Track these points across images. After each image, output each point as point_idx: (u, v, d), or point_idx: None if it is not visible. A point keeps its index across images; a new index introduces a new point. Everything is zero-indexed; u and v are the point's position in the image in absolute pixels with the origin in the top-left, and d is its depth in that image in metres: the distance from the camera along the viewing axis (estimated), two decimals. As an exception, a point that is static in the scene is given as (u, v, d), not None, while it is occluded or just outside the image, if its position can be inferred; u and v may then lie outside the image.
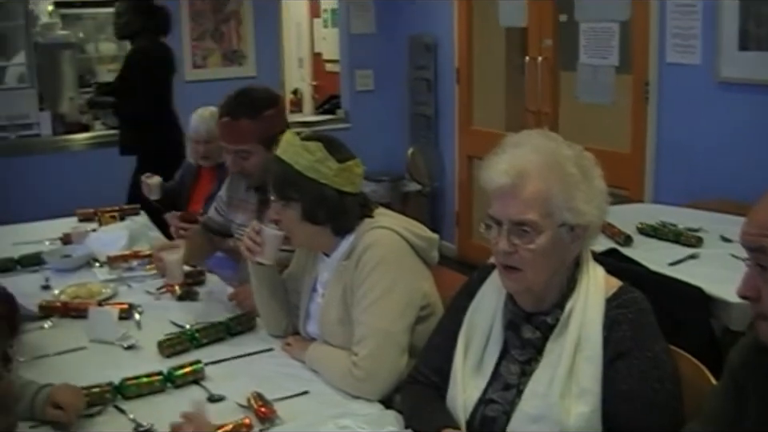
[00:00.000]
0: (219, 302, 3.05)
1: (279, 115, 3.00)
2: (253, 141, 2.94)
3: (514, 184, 1.85)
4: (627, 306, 1.88)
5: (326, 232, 2.45)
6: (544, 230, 1.85)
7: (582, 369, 1.84)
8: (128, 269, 3.48)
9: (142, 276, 3.42)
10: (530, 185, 1.85)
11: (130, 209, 4.50)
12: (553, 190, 1.85)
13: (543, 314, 1.94)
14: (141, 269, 3.48)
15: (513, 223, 1.86)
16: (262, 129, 2.93)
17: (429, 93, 6.96)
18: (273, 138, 2.73)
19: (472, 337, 2.03)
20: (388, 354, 2.26)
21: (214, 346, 2.63)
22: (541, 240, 1.85)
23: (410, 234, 2.41)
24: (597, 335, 1.86)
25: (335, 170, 2.37)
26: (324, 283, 2.52)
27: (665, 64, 4.61)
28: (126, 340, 2.70)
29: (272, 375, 2.41)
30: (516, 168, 1.86)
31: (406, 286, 2.33)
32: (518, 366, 1.96)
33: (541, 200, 1.84)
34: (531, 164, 1.86)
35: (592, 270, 1.95)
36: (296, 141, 2.42)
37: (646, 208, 4.25)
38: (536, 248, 1.85)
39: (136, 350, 2.66)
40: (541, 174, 1.85)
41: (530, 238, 1.85)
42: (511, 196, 1.86)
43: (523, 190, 1.85)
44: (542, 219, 1.84)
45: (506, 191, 1.86)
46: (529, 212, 1.84)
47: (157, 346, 2.59)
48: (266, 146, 2.90)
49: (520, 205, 1.85)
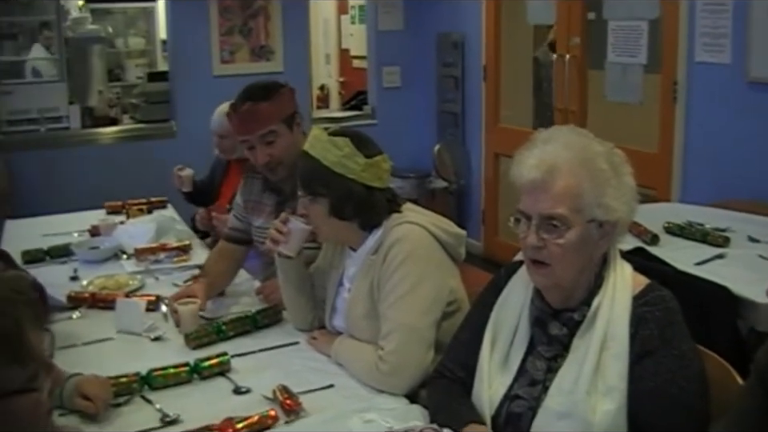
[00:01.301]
0: (246, 295, 3.08)
1: (290, 95, 3.00)
2: (277, 120, 2.91)
3: (544, 179, 1.85)
4: (655, 303, 1.87)
5: (353, 227, 2.46)
6: (573, 226, 1.85)
7: (609, 366, 1.84)
8: (155, 261, 3.52)
9: (169, 268, 3.46)
10: (560, 180, 1.85)
11: (158, 201, 4.54)
12: (583, 185, 1.84)
13: (570, 310, 1.94)
14: (168, 261, 3.52)
15: (542, 218, 1.86)
16: (281, 107, 2.92)
17: (456, 90, 6.96)
18: (292, 116, 2.88)
19: (498, 332, 2.03)
20: (414, 349, 2.27)
21: (241, 338, 2.65)
22: (570, 235, 1.85)
23: (438, 230, 2.42)
24: (623, 332, 1.85)
25: (363, 165, 2.38)
26: (351, 278, 2.53)
27: (694, 63, 4.58)
28: (152, 331, 2.73)
29: (298, 368, 2.42)
30: (547, 163, 1.86)
31: (433, 282, 2.34)
32: (544, 362, 1.96)
33: (571, 195, 1.84)
34: (562, 159, 1.86)
35: (619, 268, 1.95)
36: (324, 136, 2.43)
37: (673, 207, 4.23)
38: (565, 243, 1.85)
39: (162, 341, 2.69)
40: (571, 170, 1.85)
41: (559, 233, 1.85)
42: (541, 190, 1.86)
43: (553, 185, 1.85)
44: (572, 214, 1.84)
45: (536, 186, 1.86)
46: (559, 206, 1.84)
47: (183, 338, 2.62)
48: (288, 126, 2.92)
49: (550, 199, 1.85)
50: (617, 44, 5.09)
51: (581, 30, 5.56)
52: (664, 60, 4.79)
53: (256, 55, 6.96)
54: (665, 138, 4.82)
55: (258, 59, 6.95)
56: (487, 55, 6.56)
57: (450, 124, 7.11)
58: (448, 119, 7.14)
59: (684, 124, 4.69)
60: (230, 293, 3.12)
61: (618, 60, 5.09)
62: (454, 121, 7.04)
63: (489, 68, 6.56)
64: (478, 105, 6.74)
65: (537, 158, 1.88)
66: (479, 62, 6.65)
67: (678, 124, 4.72)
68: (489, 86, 6.59)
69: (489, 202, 6.72)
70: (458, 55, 6.88)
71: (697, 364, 1.85)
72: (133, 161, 6.60)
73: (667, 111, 4.78)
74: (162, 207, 4.50)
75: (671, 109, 4.74)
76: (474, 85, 6.77)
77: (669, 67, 4.74)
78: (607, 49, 5.17)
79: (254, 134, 2.91)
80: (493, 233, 6.70)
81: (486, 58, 6.57)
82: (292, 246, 2.58)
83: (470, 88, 6.83)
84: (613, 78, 5.15)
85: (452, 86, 7.01)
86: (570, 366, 1.89)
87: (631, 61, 4.99)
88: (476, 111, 6.77)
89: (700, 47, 4.52)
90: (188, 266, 3.47)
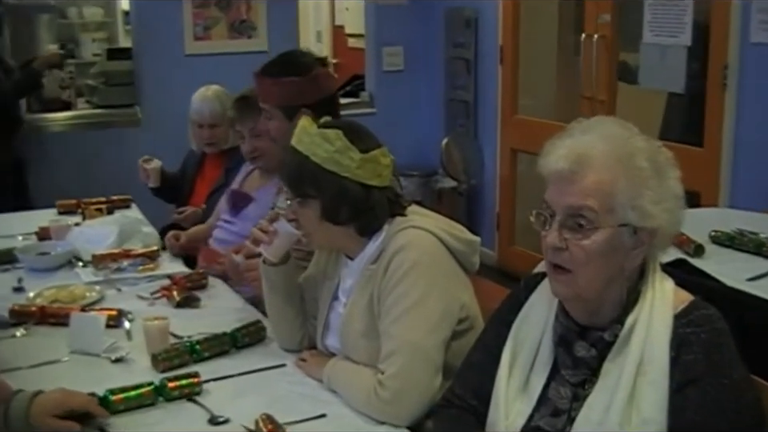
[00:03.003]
0: (224, 310, 3.10)
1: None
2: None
3: (573, 170, 1.86)
4: (700, 324, 1.87)
5: (349, 233, 2.48)
6: (602, 226, 1.85)
7: (645, 395, 1.84)
8: (117, 270, 3.52)
9: (133, 278, 3.47)
10: (591, 174, 1.86)
11: (120, 200, 4.55)
12: (618, 183, 1.85)
13: (599, 329, 1.94)
14: (132, 270, 3.53)
15: (567, 213, 1.87)
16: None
17: (468, 75, 6.98)
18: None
19: (517, 354, 2.04)
20: (419, 373, 2.28)
21: (218, 360, 2.67)
22: (597, 237, 1.85)
23: (448, 236, 2.44)
24: (663, 356, 1.85)
25: (358, 161, 2.40)
26: (347, 290, 2.55)
27: (748, 44, 4.59)
28: (113, 352, 2.73)
29: (284, 395, 2.44)
30: (577, 153, 1.87)
31: (442, 295, 2.36)
32: (569, 388, 1.96)
33: (603, 192, 1.85)
34: (596, 151, 1.87)
35: (659, 283, 1.95)
36: (313, 128, 2.44)
37: (721, 213, 4.24)
38: (590, 246, 1.85)
39: (125, 363, 2.69)
40: (605, 164, 1.86)
41: (585, 234, 1.86)
42: (569, 182, 1.87)
43: (583, 178, 1.86)
44: (602, 212, 1.85)
45: (563, 177, 1.88)
46: (588, 199, 1.85)
47: (150, 360, 2.63)
48: (288, 116, 3.06)
49: (578, 192, 1.86)
50: (655, 22, 5.10)
51: (611, 5, 5.58)
52: (712, 40, 4.79)
53: (235, 31, 6.97)
54: (711, 132, 4.84)
55: (237, 36, 6.96)
56: (504, 34, 6.58)
57: (461, 114, 7.13)
58: (458, 108, 7.17)
59: (734, 115, 4.70)
60: (206, 306, 3.15)
61: (655, 40, 5.10)
62: (465, 110, 7.07)
63: (506, 49, 6.58)
64: (493, 92, 6.76)
65: (567, 148, 1.89)
66: (495, 42, 6.67)
67: (728, 115, 4.73)
68: (506, 70, 6.61)
69: (504, 205, 6.75)
70: (470, 34, 6.91)
71: (750, 394, 1.85)
72: (90, 153, 6.60)
73: (715, 100, 4.79)
74: (125, 207, 4.52)
75: (719, 97, 4.75)
76: (488, 69, 6.79)
77: (718, 49, 4.75)
78: (643, 27, 5.17)
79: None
80: (509, 240, 6.72)
81: (503, 37, 6.60)
82: (275, 249, 2.60)
83: (484, 73, 6.85)
84: (649, 61, 5.16)
85: (463, 70, 7.04)
86: (599, 393, 1.89)
87: (672, 41, 5.00)
88: (491, 100, 6.80)
89: (756, 25, 4.52)
90: (156, 275, 3.49)
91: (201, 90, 4.50)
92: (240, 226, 3.54)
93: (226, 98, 4.36)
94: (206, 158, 4.52)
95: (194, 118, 4.42)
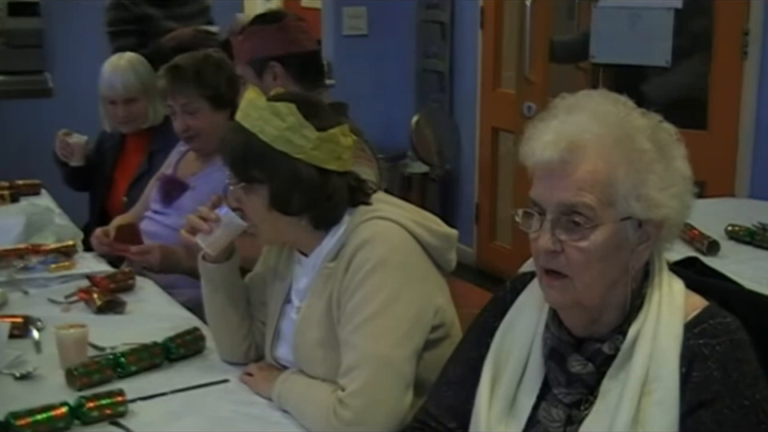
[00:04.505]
0: (155, 316, 3.09)
1: None
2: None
3: (564, 160, 1.85)
4: (715, 334, 1.87)
5: (302, 225, 2.49)
6: (602, 223, 1.85)
7: (651, 418, 1.84)
8: (23, 268, 3.51)
9: (44, 279, 3.46)
10: (585, 163, 1.85)
11: (27, 185, 4.53)
12: (617, 171, 1.85)
13: (598, 340, 1.94)
14: (43, 269, 3.51)
15: (560, 211, 1.86)
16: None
17: (443, 41, 7.01)
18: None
19: (502, 369, 2.04)
20: (386, 389, 2.29)
21: (147, 375, 2.67)
22: (596, 236, 1.85)
23: (421, 229, 2.45)
24: (671, 372, 1.86)
25: (314, 140, 2.40)
26: (301, 292, 2.56)
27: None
28: (18, 367, 2.71)
29: (227, 416, 2.44)
30: (568, 139, 1.86)
31: (412, 299, 2.37)
32: (562, 410, 1.97)
33: (600, 184, 1.85)
34: (589, 135, 1.87)
35: (666, 285, 1.96)
36: (261, 101, 2.45)
37: (738, 204, 4.28)
38: (589, 247, 1.85)
39: (33, 380, 2.66)
40: (601, 150, 1.86)
41: (582, 234, 1.85)
42: (560, 176, 1.86)
43: (576, 168, 1.85)
44: (601, 207, 1.84)
45: (552, 169, 1.87)
46: (583, 194, 1.84)
47: (65, 375, 2.62)
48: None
49: (571, 187, 1.85)
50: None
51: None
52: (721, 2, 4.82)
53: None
54: (720, 113, 4.86)
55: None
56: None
57: (434, 87, 7.15)
58: (431, 80, 7.19)
59: (756, 92, 4.73)
60: (133, 311, 3.15)
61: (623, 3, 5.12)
62: (440, 83, 7.09)
63: (487, 11, 6.62)
64: (472, 62, 6.80)
65: (555, 133, 1.88)
66: (475, 2, 6.70)
67: (748, 92, 4.77)
68: (487, 36, 6.64)
69: (484, 193, 6.78)
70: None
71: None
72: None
73: (727, 75, 4.82)
74: (34, 194, 4.50)
75: (738, 70, 4.79)
76: (467, 34, 6.82)
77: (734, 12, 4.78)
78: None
79: None
80: (489, 235, 6.76)
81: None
82: (216, 240, 2.61)
83: (462, 39, 6.88)
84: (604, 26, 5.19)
85: (437, 36, 7.06)
86: (597, 416, 1.90)
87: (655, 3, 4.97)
88: (469, 70, 6.83)
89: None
90: (71, 275, 3.48)
91: (112, 59, 4.44)
92: (174, 219, 3.52)
93: (143, 67, 4.35)
94: (126, 140, 4.49)
95: (105, 94, 4.36)
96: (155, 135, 4.31)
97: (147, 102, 4.29)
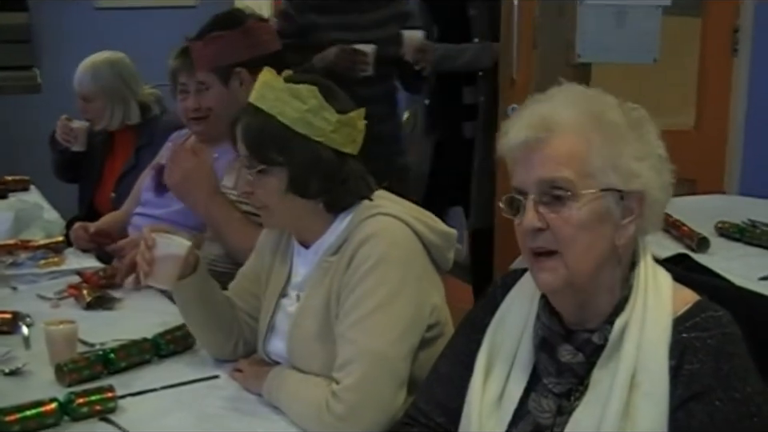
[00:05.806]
0: (145, 312, 3.10)
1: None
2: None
3: (539, 138, 1.87)
4: (706, 328, 1.87)
5: (317, 209, 2.48)
6: (582, 194, 1.85)
7: (641, 409, 1.84)
8: (12, 264, 3.52)
9: (33, 275, 3.47)
10: (560, 139, 1.87)
11: (16, 181, 4.53)
12: (593, 144, 1.86)
13: (588, 330, 1.94)
14: (32, 264, 3.53)
15: (541, 189, 1.87)
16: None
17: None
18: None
19: (493, 362, 2.05)
20: (381, 386, 2.28)
21: (137, 371, 2.67)
22: (579, 207, 1.85)
23: (423, 227, 2.45)
24: (659, 364, 1.86)
25: (334, 123, 2.40)
26: (299, 285, 2.55)
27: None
28: (7, 363, 2.72)
29: (217, 412, 2.44)
30: (541, 118, 1.89)
31: (412, 297, 2.37)
32: (552, 400, 1.97)
33: (577, 157, 1.86)
34: (562, 116, 1.89)
35: (652, 277, 1.96)
36: (278, 83, 2.44)
37: (729, 201, 4.27)
38: (575, 215, 1.85)
39: (22, 376, 2.67)
40: (575, 125, 1.88)
41: (566, 204, 1.86)
42: (537, 154, 1.87)
43: (551, 144, 1.87)
44: (580, 180, 1.85)
45: (529, 146, 1.88)
46: (561, 168, 1.86)
47: (54, 371, 2.62)
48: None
49: (548, 162, 1.86)
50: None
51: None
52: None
53: (157, -19, 6.93)
54: (708, 109, 4.84)
55: (159, -13, 6.93)
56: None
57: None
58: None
59: (746, 88, 4.72)
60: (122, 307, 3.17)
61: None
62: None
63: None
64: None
65: (528, 116, 1.91)
66: None
67: (738, 88, 4.74)
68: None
69: (478, 183, 6.73)
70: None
71: (765, 410, 1.85)
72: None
73: (721, 70, 4.83)
74: (23, 190, 4.50)
75: (727, 66, 4.78)
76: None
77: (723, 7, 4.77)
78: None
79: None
80: (482, 233, 6.71)
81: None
82: (163, 277, 2.60)
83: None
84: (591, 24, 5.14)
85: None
86: (588, 406, 1.89)
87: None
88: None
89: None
90: (61, 271, 3.49)
91: (94, 57, 4.51)
92: (166, 209, 3.51)
93: (107, 70, 4.41)
94: (114, 136, 4.49)
95: (79, 90, 4.47)
96: (142, 131, 4.31)
97: (104, 104, 4.32)
